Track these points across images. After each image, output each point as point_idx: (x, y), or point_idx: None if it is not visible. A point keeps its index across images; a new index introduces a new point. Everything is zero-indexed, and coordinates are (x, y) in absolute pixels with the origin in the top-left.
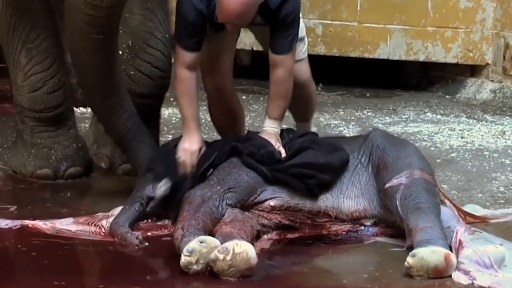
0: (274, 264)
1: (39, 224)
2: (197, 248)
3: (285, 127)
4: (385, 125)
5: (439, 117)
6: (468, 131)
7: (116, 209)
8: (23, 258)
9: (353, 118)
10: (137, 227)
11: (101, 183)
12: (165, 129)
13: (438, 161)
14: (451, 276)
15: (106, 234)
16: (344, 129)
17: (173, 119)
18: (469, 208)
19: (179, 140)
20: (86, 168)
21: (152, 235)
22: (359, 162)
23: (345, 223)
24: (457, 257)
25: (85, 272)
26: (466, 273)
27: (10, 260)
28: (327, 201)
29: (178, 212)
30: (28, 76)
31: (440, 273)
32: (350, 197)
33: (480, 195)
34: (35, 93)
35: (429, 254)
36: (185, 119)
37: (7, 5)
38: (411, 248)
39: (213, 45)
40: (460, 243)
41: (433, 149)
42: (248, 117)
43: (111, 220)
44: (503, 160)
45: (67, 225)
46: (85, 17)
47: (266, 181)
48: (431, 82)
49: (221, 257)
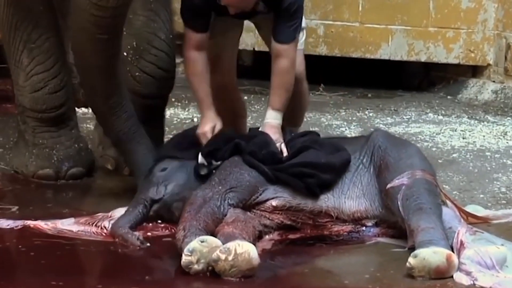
0: (275, 264)
1: (40, 224)
2: (198, 247)
3: None
4: (387, 126)
5: (440, 117)
6: (469, 131)
7: (116, 210)
8: (24, 258)
9: (354, 118)
10: (138, 227)
11: (103, 183)
12: (166, 129)
13: (439, 161)
14: (452, 276)
15: (107, 234)
16: (345, 129)
17: (175, 119)
18: (470, 208)
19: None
20: (88, 168)
21: (152, 236)
22: (361, 162)
23: (347, 224)
24: (459, 257)
25: (86, 272)
26: (467, 273)
27: (11, 260)
28: (328, 201)
29: (180, 213)
30: (30, 76)
31: (441, 274)
32: (351, 198)
33: (481, 196)
34: (37, 93)
35: (430, 254)
36: (197, 99)
37: (9, 5)
38: (412, 248)
39: (217, 43)
40: (461, 243)
41: (434, 149)
42: (249, 118)
43: (113, 221)
44: (504, 160)
45: (68, 226)
46: (91, 18)
47: (267, 180)
48: (432, 82)
49: (223, 257)
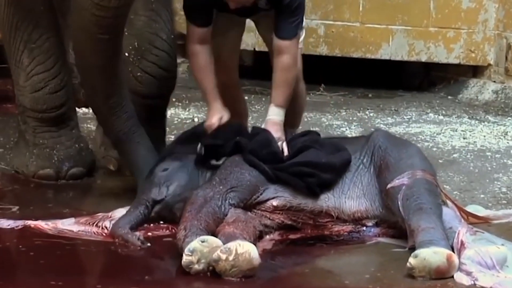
0: (276, 264)
1: (41, 224)
2: (198, 247)
3: None
4: (387, 126)
5: (441, 117)
6: (470, 131)
7: (116, 210)
8: (24, 258)
9: (355, 118)
10: (138, 228)
11: (103, 183)
12: (167, 129)
13: (440, 161)
14: (453, 277)
15: (107, 234)
16: (346, 129)
17: (175, 119)
18: (471, 208)
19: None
20: (88, 168)
21: (153, 236)
22: (361, 162)
23: (347, 224)
24: (459, 258)
25: (86, 272)
26: (468, 273)
27: (11, 260)
28: (329, 201)
29: (182, 213)
30: (30, 76)
31: (442, 274)
32: (352, 198)
33: (482, 196)
34: (37, 93)
35: (431, 255)
36: (203, 91)
37: (9, 5)
38: (413, 248)
39: (218, 43)
40: (462, 243)
41: (435, 149)
42: (250, 118)
43: (113, 221)
44: (505, 160)
45: (69, 226)
46: (92, 18)
47: (268, 179)
48: (433, 82)
49: (223, 257)
